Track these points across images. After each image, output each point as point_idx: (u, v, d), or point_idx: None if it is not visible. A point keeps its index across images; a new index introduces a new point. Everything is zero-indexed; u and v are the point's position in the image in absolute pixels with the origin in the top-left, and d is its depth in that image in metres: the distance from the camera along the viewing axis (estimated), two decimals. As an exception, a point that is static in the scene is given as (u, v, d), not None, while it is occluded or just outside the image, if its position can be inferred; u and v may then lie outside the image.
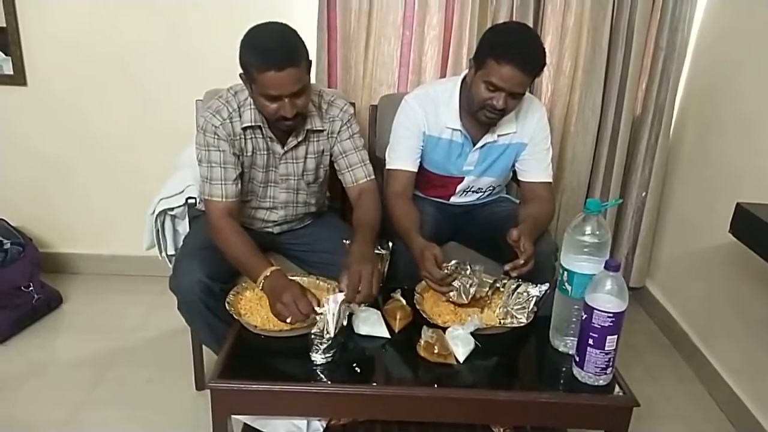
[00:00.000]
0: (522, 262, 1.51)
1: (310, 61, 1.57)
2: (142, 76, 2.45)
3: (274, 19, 1.54)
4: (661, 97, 2.42)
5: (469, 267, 1.48)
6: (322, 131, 1.71)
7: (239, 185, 1.65)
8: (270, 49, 1.46)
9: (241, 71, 1.53)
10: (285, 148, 1.69)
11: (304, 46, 1.53)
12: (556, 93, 2.42)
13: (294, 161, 1.72)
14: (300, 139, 1.68)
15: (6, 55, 2.40)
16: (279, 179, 1.74)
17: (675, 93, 2.42)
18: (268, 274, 1.45)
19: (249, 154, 1.67)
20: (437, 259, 1.50)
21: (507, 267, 1.53)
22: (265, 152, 1.69)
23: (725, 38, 2.24)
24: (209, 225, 1.64)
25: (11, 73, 2.42)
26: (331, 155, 1.78)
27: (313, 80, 2.21)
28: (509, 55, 1.56)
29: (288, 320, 1.36)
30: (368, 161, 1.79)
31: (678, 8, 2.30)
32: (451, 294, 1.50)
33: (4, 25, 2.36)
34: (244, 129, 1.63)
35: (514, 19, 2.29)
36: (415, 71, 2.36)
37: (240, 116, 1.62)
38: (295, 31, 1.53)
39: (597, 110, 2.42)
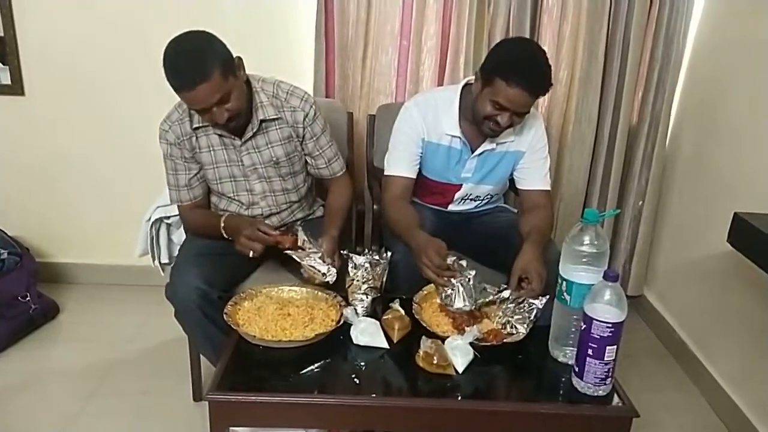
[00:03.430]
0: (535, 292, 1.51)
1: (233, 59, 1.55)
2: (139, 87, 2.44)
3: (272, 28, 1.52)
4: (657, 107, 2.43)
5: (466, 270, 1.48)
6: (277, 119, 1.73)
7: (193, 187, 1.78)
8: (178, 70, 1.48)
9: None
10: (243, 139, 1.72)
11: (217, 53, 1.51)
12: (553, 102, 2.43)
13: (256, 150, 1.75)
14: (255, 130, 1.71)
15: (4, 64, 2.41)
16: (248, 172, 1.77)
17: (671, 103, 2.43)
18: (224, 224, 1.67)
19: (205, 150, 1.72)
20: (440, 251, 1.51)
21: (515, 295, 1.52)
22: (222, 147, 1.73)
23: (721, 50, 2.25)
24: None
25: (9, 83, 2.42)
26: (304, 149, 1.81)
27: (309, 90, 2.21)
28: (517, 77, 1.57)
29: (251, 254, 1.56)
30: (339, 154, 1.90)
31: (673, 20, 2.31)
32: (449, 292, 1.47)
33: (2, 35, 2.37)
34: (195, 128, 1.69)
35: (510, 28, 2.30)
36: (413, 81, 2.37)
37: (190, 116, 1.68)
38: (204, 40, 1.52)
39: (593, 120, 2.43)
